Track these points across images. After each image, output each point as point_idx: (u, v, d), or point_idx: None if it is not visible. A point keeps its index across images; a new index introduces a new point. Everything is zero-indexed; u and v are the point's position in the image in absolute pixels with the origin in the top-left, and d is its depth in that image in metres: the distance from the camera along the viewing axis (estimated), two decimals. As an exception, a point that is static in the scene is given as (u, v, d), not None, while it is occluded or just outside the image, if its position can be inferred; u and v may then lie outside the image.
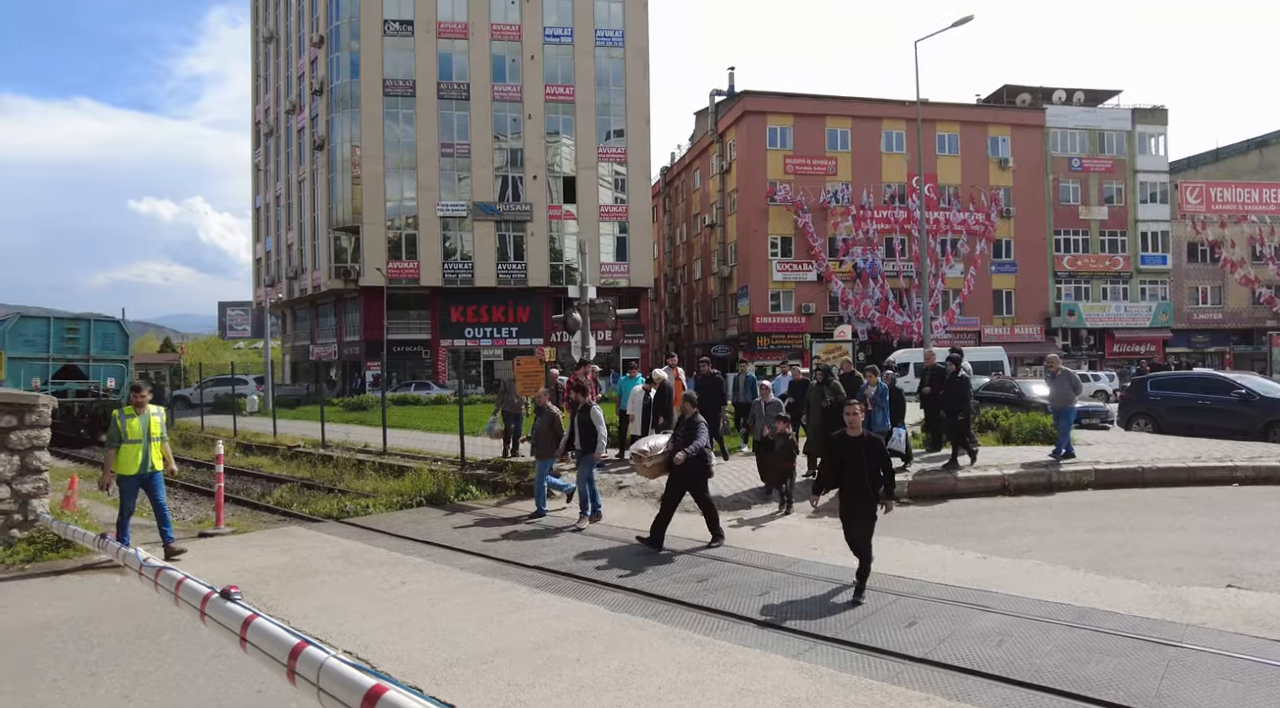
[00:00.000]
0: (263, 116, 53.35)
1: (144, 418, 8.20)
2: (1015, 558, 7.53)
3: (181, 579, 2.36)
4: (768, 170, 44.71)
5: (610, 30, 44.43)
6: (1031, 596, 6.23)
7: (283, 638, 1.85)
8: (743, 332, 45.42)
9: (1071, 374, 12.24)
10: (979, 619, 5.75)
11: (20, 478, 8.16)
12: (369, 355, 40.88)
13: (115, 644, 5.46)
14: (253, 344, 61.11)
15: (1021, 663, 4.89)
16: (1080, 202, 48.92)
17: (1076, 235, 48.86)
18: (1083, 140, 49.16)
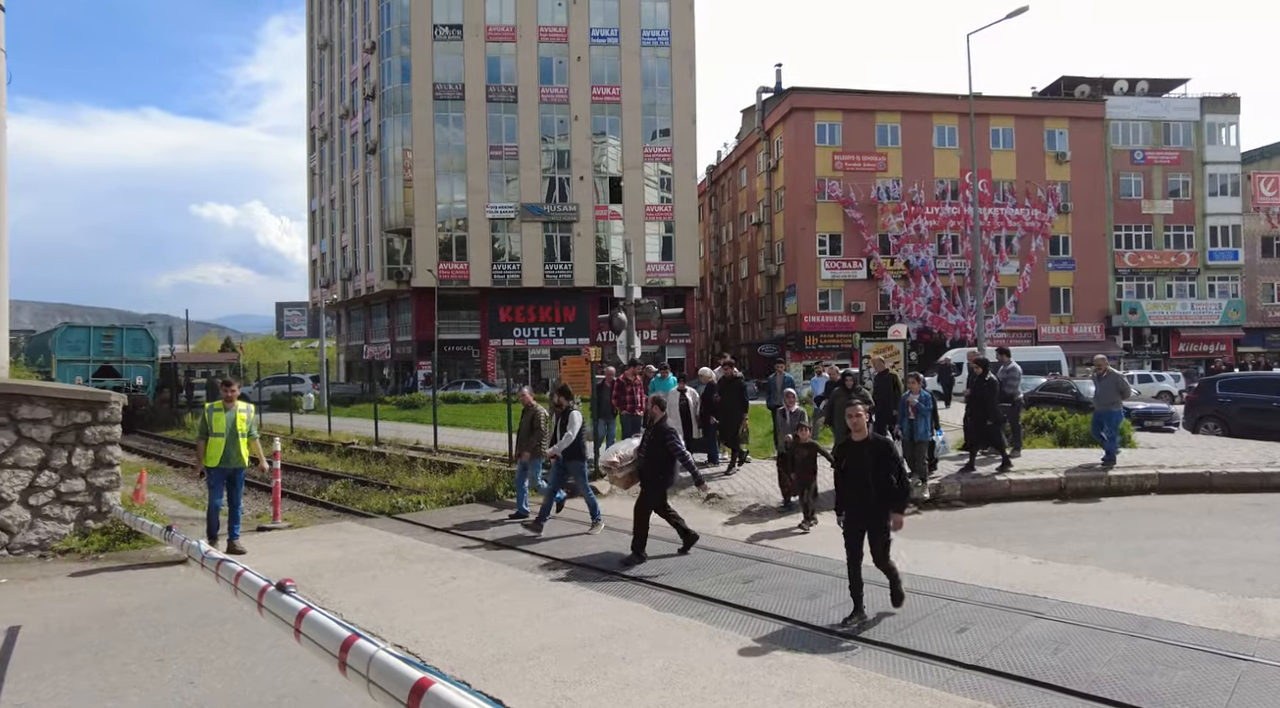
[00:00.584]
0: (318, 122, 54.79)
1: (230, 414, 8.22)
2: (1072, 564, 7.31)
3: (240, 572, 2.45)
4: (816, 167, 44.18)
5: (656, 30, 44.45)
6: (1089, 603, 6.04)
7: (335, 631, 1.91)
8: (790, 331, 44.98)
9: (1118, 376, 11.81)
10: (1033, 626, 5.60)
11: (94, 472, 8.54)
12: (420, 355, 41.67)
13: (180, 632, 5.68)
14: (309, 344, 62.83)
15: (1079, 673, 4.75)
16: (1143, 195, 47.19)
17: (1139, 231, 47.14)
18: (1146, 132, 47.41)
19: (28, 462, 8.22)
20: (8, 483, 8.10)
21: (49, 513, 8.30)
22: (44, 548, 8.19)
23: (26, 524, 8.18)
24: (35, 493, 8.24)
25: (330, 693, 4.41)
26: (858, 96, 45.04)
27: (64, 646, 5.41)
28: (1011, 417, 12.36)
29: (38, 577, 7.35)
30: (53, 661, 5.13)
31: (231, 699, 4.48)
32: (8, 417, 8.15)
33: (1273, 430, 14.78)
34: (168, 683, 4.74)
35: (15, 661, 5.14)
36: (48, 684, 4.74)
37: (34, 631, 5.75)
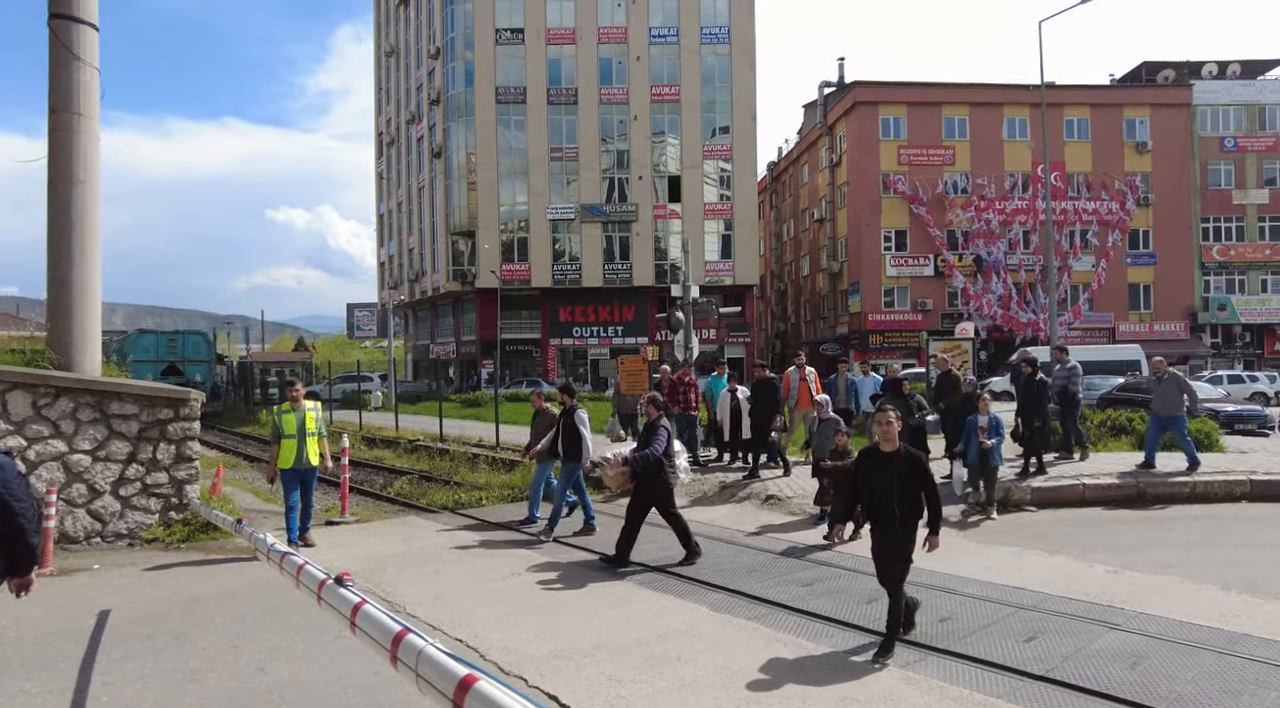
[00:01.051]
0: (385, 127, 56.35)
1: (299, 414, 8.28)
2: (1152, 574, 6.97)
3: (302, 565, 2.54)
4: (880, 161, 43.25)
5: (716, 27, 44.21)
6: (1172, 615, 5.74)
7: (387, 625, 1.96)
8: (854, 329, 44.16)
9: (1180, 377, 11.09)
10: (1108, 638, 5.36)
11: (176, 465, 8.98)
12: (484, 354, 42.45)
13: (253, 620, 5.92)
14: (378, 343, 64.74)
15: (1159, 689, 4.52)
16: (1234, 185, 44.64)
17: (1229, 222, 44.62)
18: (1238, 117, 44.83)
19: (117, 455, 8.69)
20: (100, 475, 8.58)
21: (136, 504, 8.75)
22: (132, 537, 8.65)
23: (117, 514, 8.65)
24: (124, 485, 8.70)
25: (391, 684, 4.53)
26: (923, 89, 43.90)
27: (148, 630, 5.70)
28: (1072, 417, 11.84)
29: (126, 564, 7.76)
30: (139, 643, 5.41)
31: (300, 687, 4.65)
32: (100, 413, 8.63)
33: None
34: (241, 669, 4.95)
35: (106, 642, 5.44)
36: (134, 665, 5.00)
37: (122, 615, 6.08)
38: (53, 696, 4.55)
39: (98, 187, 9.20)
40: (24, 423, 8.25)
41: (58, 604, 6.31)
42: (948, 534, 8.69)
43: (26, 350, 9.04)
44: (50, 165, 8.91)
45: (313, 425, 8.37)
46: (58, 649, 5.31)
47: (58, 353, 8.83)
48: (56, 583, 7.11)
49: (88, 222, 9.02)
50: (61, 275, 8.87)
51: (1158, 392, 11.14)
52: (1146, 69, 47.07)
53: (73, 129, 8.92)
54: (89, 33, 9.08)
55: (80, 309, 8.98)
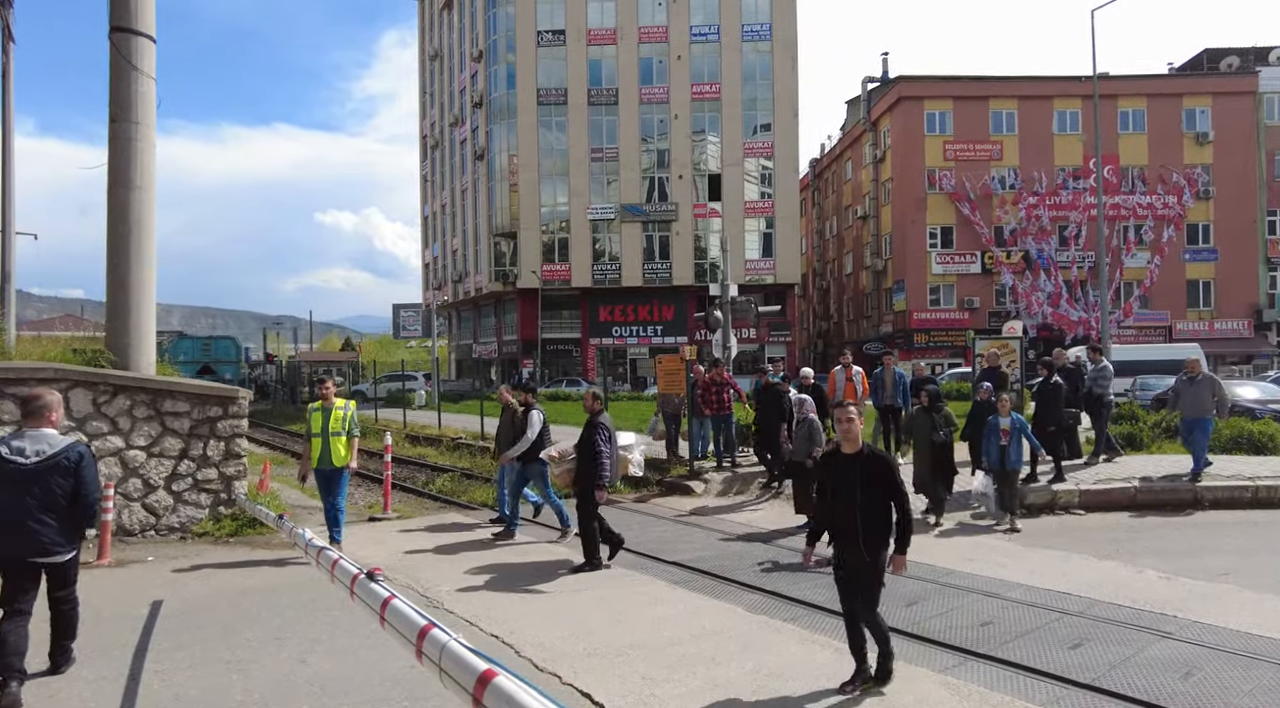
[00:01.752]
0: (429, 130, 57.24)
1: (326, 412, 7.95)
2: (1208, 581, 6.72)
3: (336, 560, 2.60)
4: (925, 157, 42.46)
5: (757, 24, 43.90)
6: (1228, 625, 5.53)
7: (413, 619, 2.00)
8: (898, 328, 43.45)
9: (1215, 380, 10.54)
10: (1159, 646, 5.18)
11: (225, 462, 9.25)
12: (525, 353, 42.85)
13: (294, 613, 6.07)
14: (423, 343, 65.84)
15: (1214, 701, 4.35)
16: (1302, 176, 42.75)
17: (1296, 215, 42.75)
18: (1306, 104, 42.90)
19: (170, 451, 8.98)
20: (155, 470, 8.88)
21: (188, 499, 9.04)
22: (184, 530, 8.93)
23: (170, 508, 8.94)
24: (176, 480, 9.00)
25: (426, 680, 4.59)
26: (969, 83, 42.96)
27: (197, 621, 5.89)
28: (1102, 419, 11.46)
29: (178, 556, 8.03)
30: (189, 633, 5.60)
31: (339, 679, 4.75)
32: (154, 410, 8.93)
33: None
34: (284, 660, 5.08)
35: (158, 632, 5.64)
36: (184, 654, 5.17)
37: (173, 606, 6.29)
38: (108, 682, 4.73)
39: (153, 192, 9.53)
40: (85, 420, 8.58)
41: (115, 594, 6.56)
42: (991, 537, 8.54)
43: (87, 350, 9.40)
44: (110, 172, 9.26)
45: (337, 425, 7.96)
46: (114, 637, 5.51)
47: (116, 352, 9.16)
48: (114, 574, 7.39)
49: (144, 225, 9.35)
50: (120, 277, 9.21)
51: (1188, 393, 10.53)
52: (1209, 56, 45.34)
53: (130, 137, 9.25)
54: (146, 45, 9.41)
55: (136, 310, 9.31)
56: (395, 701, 4.42)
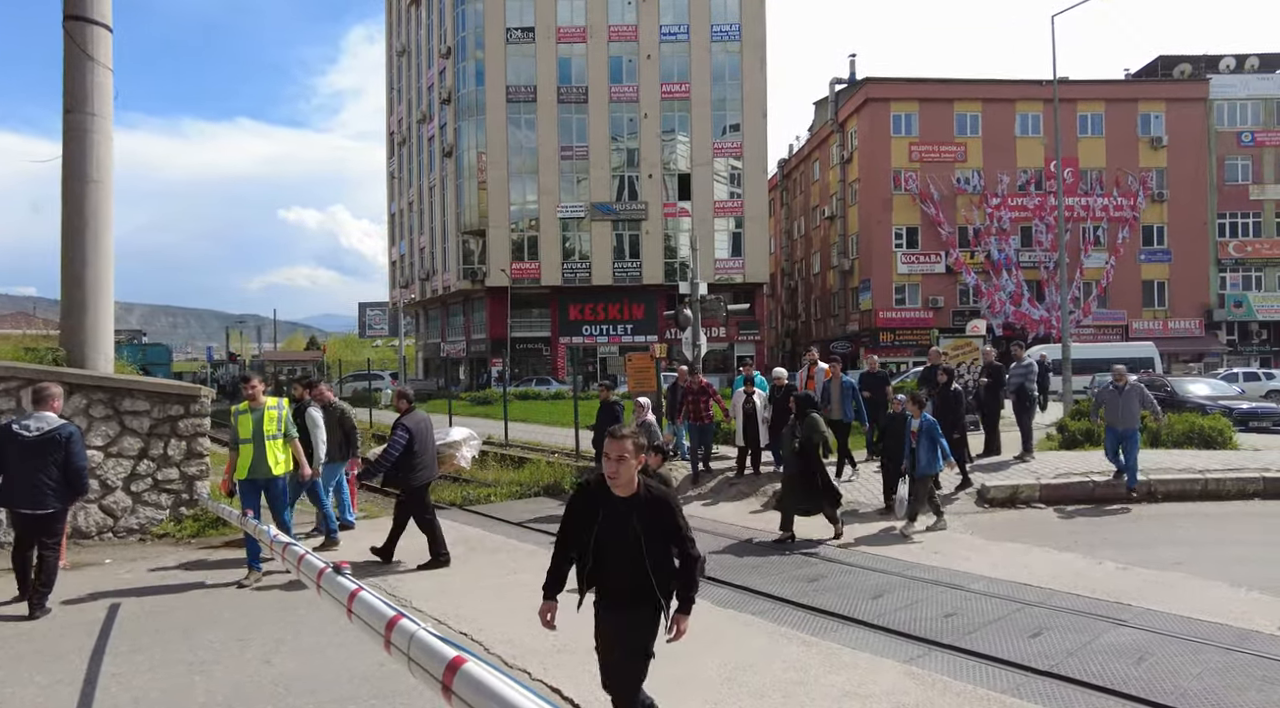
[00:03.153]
0: (396, 127, 56.60)
1: (257, 414, 7.01)
2: (1161, 570, 6.92)
3: (303, 555, 2.58)
4: (892, 159, 43.06)
5: (727, 25, 44.13)
6: (1179, 612, 5.71)
7: (381, 610, 1.99)
8: (864, 327, 44.01)
9: (1142, 389, 10.16)
10: (1114, 633, 5.33)
11: (187, 461, 9.07)
12: (494, 352, 42.60)
13: (259, 613, 5.98)
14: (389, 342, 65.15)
15: (1164, 685, 4.50)
16: (1252, 180, 44.13)
17: (1246, 218, 44.14)
18: (1255, 111, 44.31)
19: (129, 451, 8.78)
20: (112, 471, 8.67)
21: (148, 500, 8.85)
22: (143, 532, 8.74)
23: (129, 509, 8.74)
24: (136, 481, 8.80)
25: (395, 675, 4.56)
26: (935, 85, 43.66)
27: (157, 624, 5.77)
28: (1029, 416, 11.64)
29: (137, 559, 7.85)
30: (148, 636, 5.48)
31: (305, 679, 4.69)
32: (112, 409, 8.72)
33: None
34: (248, 661, 5.00)
35: (115, 635, 5.51)
36: (144, 657, 5.06)
37: (132, 608, 6.15)
38: (63, 686, 4.62)
39: (110, 186, 9.30)
40: (38, 419, 8.34)
41: (69, 598, 6.39)
42: (955, 532, 8.70)
43: (41, 348, 9.15)
44: (65, 165, 9.02)
45: (272, 426, 7.05)
46: (69, 642, 5.38)
47: (71, 350, 8.93)
48: (70, 577, 7.20)
49: (100, 220, 9.12)
50: (75, 273, 8.97)
51: (1116, 403, 10.03)
52: (1162, 63, 46.61)
53: (86, 129, 9.02)
54: (103, 34, 9.18)
55: (93, 307, 9.07)
56: (363, 699, 4.38)
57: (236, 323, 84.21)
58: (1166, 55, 46.70)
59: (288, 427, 7.24)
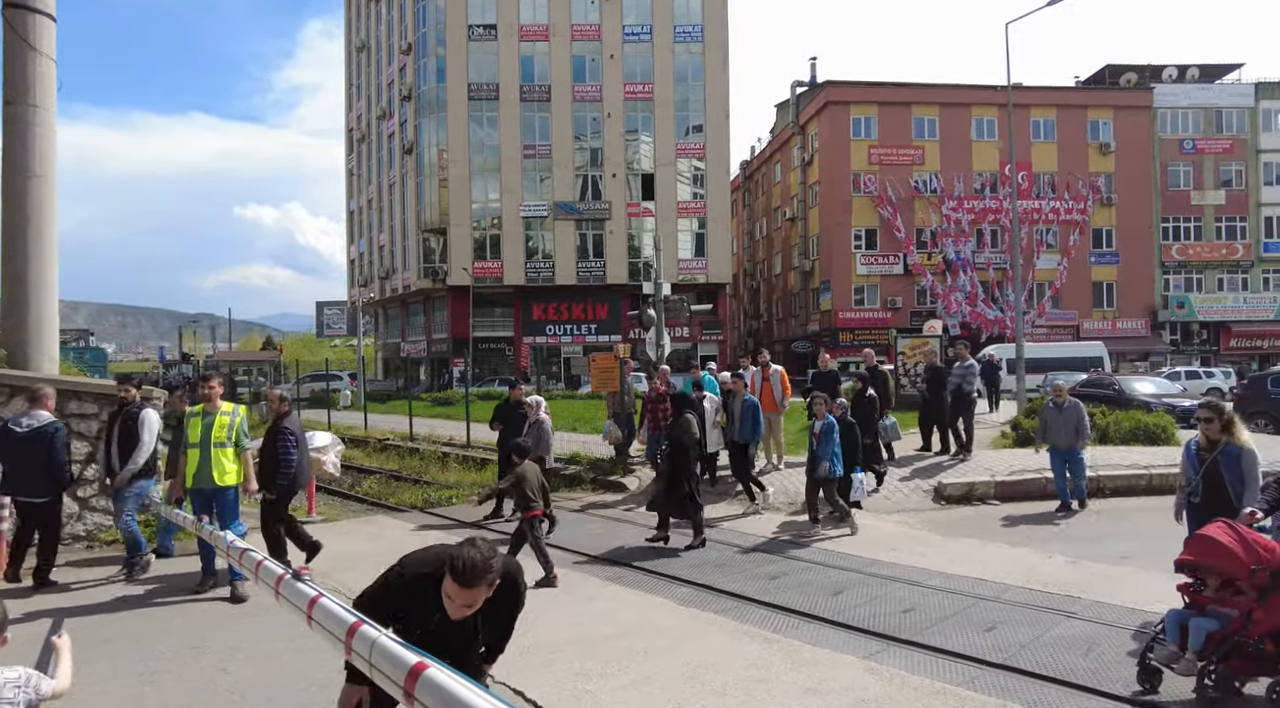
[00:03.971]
0: (355, 123, 55.70)
1: (209, 418, 6.54)
2: (1109, 564, 7.15)
3: (260, 560, 2.53)
4: (851, 161, 43.66)
5: (689, 25, 44.30)
6: (1126, 604, 5.90)
7: (342, 617, 1.96)
8: (825, 327, 44.57)
9: (1081, 407, 9.77)
10: (1065, 626, 5.49)
11: (136, 466, 8.79)
12: (455, 352, 42.17)
13: (215, 621, 5.84)
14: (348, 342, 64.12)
15: (1110, 673, 4.66)
16: (1193, 186, 45.72)
17: (1188, 222, 45.70)
18: (1196, 120, 45.90)
19: (76, 455, 8.47)
20: (57, 476, 8.38)
21: (95, 505, 8.57)
22: (91, 539, 8.47)
23: (75, 516, 8.45)
24: (82, 486, 8.52)
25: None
26: (894, 89, 44.38)
27: (107, 632, 5.60)
28: (969, 416, 11.85)
29: (83, 566, 7.60)
30: (96, 647, 5.31)
31: (262, 686, 4.60)
32: (58, 412, 8.43)
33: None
34: (203, 669, 4.88)
35: (60, 646, 5.33)
36: (91, 669, 4.90)
37: (78, 619, 5.96)
38: (6, 699, 4.46)
39: (54, 181, 8.99)
40: (-22, 423, 8.04)
41: (11, 609, 6.16)
42: (912, 529, 8.86)
43: (-20, 349, 8.81)
44: (4, 159, 8.70)
45: (221, 432, 6.51)
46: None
47: (13, 351, 8.61)
48: (10, 587, 6.95)
49: (44, 216, 8.81)
50: (16, 271, 8.66)
51: (1056, 421, 9.69)
52: (1110, 72, 48.02)
53: (28, 122, 8.70)
54: (45, 23, 8.87)
55: (36, 306, 8.76)
56: (321, 705, 4.31)
57: (190, 322, 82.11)
58: (1114, 64, 48.11)
59: (239, 435, 6.68)
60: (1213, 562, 4.33)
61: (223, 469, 6.51)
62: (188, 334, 73.98)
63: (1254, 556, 4.20)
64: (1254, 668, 4.22)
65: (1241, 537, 4.31)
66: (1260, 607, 4.14)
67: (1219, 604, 4.32)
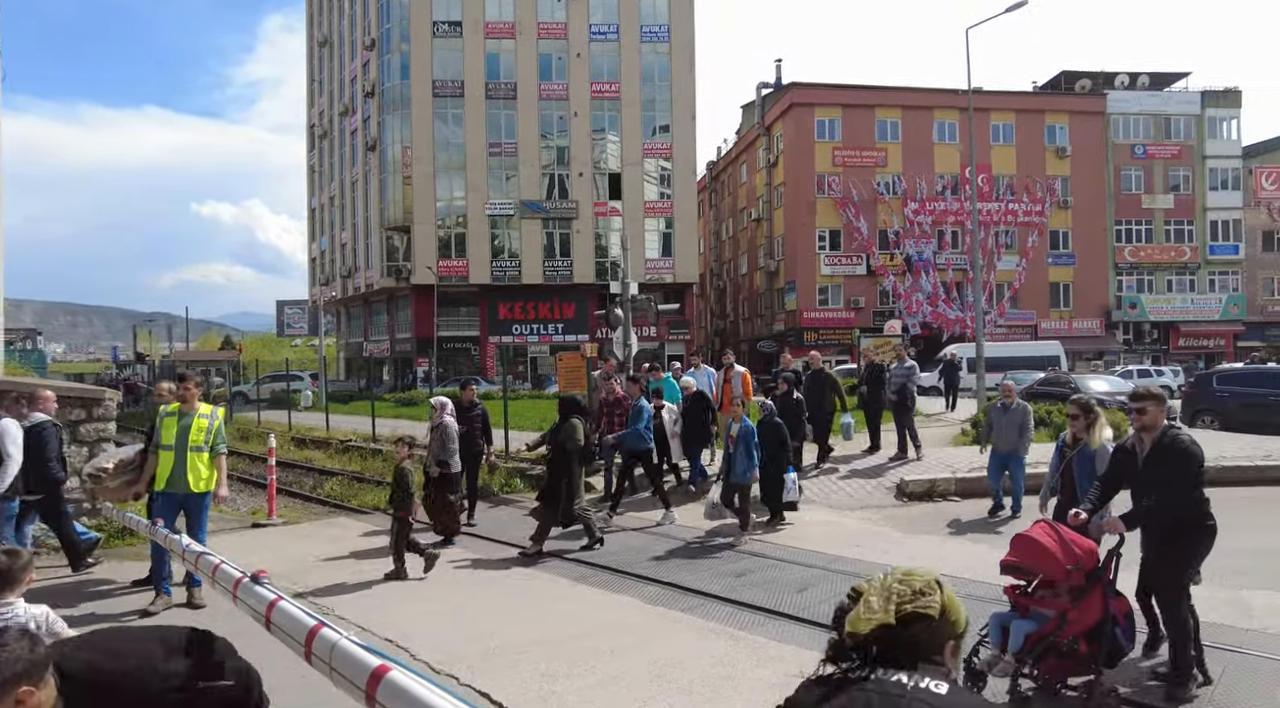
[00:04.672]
0: (318, 119, 54.80)
1: (186, 420, 6.21)
2: (1064, 558, 7.32)
3: (218, 564, 2.48)
4: (816, 163, 44.14)
5: (656, 26, 44.38)
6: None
7: (301, 620, 1.93)
8: (790, 327, 45.00)
9: (1028, 410, 9.51)
10: (1022, 619, 5.61)
11: (87, 469, 8.56)
12: (420, 352, 41.72)
13: (171, 628, 5.70)
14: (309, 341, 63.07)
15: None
16: (1144, 190, 47.07)
17: (1139, 225, 47.04)
18: (1147, 126, 47.26)
19: (23, 458, 8.23)
20: (3, 480, 8.11)
21: None
22: (38, 545, 8.21)
23: None
24: None
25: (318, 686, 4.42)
26: (857, 92, 44.96)
27: (56, 641, 5.43)
28: (909, 416, 11.92)
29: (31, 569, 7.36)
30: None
31: (220, 693, 4.50)
32: (3, 414, 8.16)
33: (1269, 424, 14.78)
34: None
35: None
36: (39, 679, 4.76)
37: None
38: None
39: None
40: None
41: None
42: (875, 525, 8.99)
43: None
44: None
45: (199, 436, 6.17)
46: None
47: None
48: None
49: (-11, 212, 8.54)
50: (-40, 268, 8.38)
51: (1001, 421, 9.36)
52: (1066, 78, 49.22)
53: (-28, 113, 8.43)
54: (-10, 12, 8.59)
55: (-19, 304, 8.49)
56: None
57: (145, 321, 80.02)
58: (1070, 70, 49.33)
59: (217, 439, 6.32)
60: (1033, 563, 4.33)
61: (199, 475, 6.17)
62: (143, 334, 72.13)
63: (1071, 556, 4.20)
64: (1069, 669, 4.23)
65: (1061, 537, 4.30)
66: (1074, 607, 4.16)
67: (1039, 606, 4.33)
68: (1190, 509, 4.41)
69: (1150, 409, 4.52)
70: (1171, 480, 4.38)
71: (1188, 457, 4.36)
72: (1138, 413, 4.58)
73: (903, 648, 1.42)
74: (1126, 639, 4.30)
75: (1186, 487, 4.38)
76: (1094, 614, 4.17)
